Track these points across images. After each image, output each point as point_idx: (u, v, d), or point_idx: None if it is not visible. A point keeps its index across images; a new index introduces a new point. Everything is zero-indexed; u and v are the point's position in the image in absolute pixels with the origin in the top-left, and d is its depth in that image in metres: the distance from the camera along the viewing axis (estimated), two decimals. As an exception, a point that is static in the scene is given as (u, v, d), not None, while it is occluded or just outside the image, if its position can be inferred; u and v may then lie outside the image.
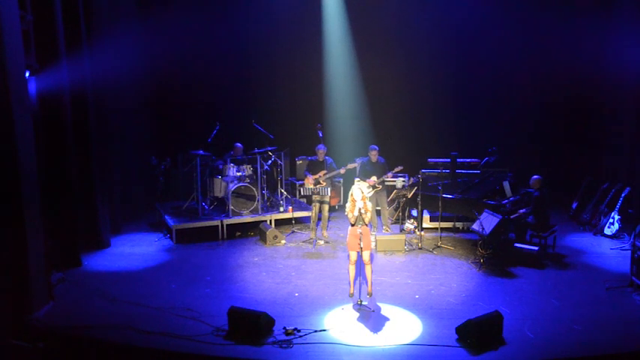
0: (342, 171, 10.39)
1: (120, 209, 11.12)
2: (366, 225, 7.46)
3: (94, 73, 9.58)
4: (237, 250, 9.85)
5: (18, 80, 7.06)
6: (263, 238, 10.25)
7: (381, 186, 10.39)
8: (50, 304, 7.42)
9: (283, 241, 10.17)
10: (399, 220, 10.91)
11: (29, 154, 7.25)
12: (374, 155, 10.37)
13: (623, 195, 10.24)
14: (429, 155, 11.91)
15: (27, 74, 7.58)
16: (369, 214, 7.46)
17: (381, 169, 10.34)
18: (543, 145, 12.81)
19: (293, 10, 12.58)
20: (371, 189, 10.26)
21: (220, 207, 11.12)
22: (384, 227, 10.62)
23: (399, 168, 10.30)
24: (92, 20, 9.57)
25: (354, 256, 7.50)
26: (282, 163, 11.53)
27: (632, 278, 7.86)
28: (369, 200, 10.13)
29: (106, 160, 10.17)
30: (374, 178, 10.26)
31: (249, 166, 10.88)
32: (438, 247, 9.80)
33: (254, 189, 10.79)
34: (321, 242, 10.12)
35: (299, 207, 11.47)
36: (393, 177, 10.60)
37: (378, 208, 10.80)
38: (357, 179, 10.15)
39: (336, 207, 12.26)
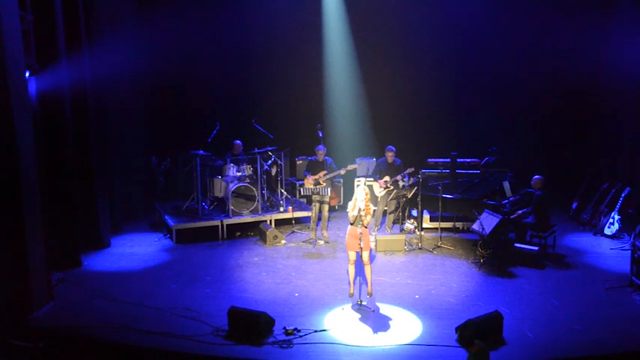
0: (342, 171, 10.37)
1: (120, 209, 11.13)
2: (365, 227, 7.45)
3: (94, 73, 9.58)
4: (237, 250, 9.85)
5: (18, 80, 7.06)
6: (263, 238, 10.25)
7: (392, 187, 10.38)
8: (50, 304, 7.42)
9: (283, 241, 10.17)
10: (399, 220, 10.91)
11: (29, 154, 7.25)
12: (390, 157, 10.41)
13: (623, 195, 10.23)
14: (429, 155, 11.90)
15: (27, 74, 7.57)
16: (369, 217, 7.42)
17: (396, 171, 10.35)
18: (543, 145, 12.81)
19: (293, 10, 12.58)
20: (382, 189, 10.26)
21: (220, 207, 11.12)
22: (386, 228, 10.63)
23: (411, 170, 10.31)
24: (92, 20, 9.57)
25: (352, 256, 7.50)
26: (282, 163, 11.53)
27: (632, 278, 7.86)
28: (376, 201, 10.23)
29: (106, 160, 10.17)
30: (386, 178, 10.27)
31: (249, 166, 10.88)
32: (438, 247, 9.79)
33: (254, 189, 10.79)
34: (321, 242, 10.11)
35: (299, 207, 11.46)
36: (405, 178, 10.56)
37: (386, 208, 10.77)
38: (369, 178, 10.09)
39: (336, 207, 12.26)
